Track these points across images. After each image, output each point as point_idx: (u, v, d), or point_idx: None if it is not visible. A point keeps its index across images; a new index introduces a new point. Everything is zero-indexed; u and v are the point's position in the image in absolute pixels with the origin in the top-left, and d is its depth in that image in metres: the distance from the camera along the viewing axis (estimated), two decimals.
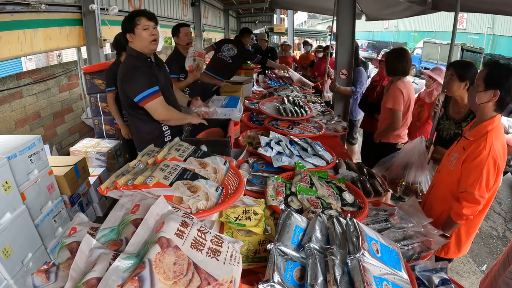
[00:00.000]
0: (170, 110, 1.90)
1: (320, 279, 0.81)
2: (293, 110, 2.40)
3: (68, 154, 3.05)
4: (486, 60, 1.50)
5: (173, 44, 7.45)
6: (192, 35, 3.09)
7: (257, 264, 1.05)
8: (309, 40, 7.65)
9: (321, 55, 5.44)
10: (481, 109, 1.48)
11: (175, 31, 2.90)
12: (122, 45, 2.66)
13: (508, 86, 1.38)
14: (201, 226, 0.83)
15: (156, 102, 1.80)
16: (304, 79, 4.51)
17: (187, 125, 2.00)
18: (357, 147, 4.08)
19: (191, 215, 0.87)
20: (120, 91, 1.88)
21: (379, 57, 3.29)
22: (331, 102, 4.17)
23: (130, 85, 1.77)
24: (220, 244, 0.82)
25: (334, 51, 3.81)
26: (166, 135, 2.05)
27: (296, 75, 4.48)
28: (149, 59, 1.89)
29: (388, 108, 2.45)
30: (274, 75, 4.73)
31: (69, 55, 10.20)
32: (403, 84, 2.43)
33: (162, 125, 2.01)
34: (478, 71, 1.54)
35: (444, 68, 2.92)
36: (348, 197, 1.38)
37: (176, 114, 1.94)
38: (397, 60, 2.49)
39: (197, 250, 0.76)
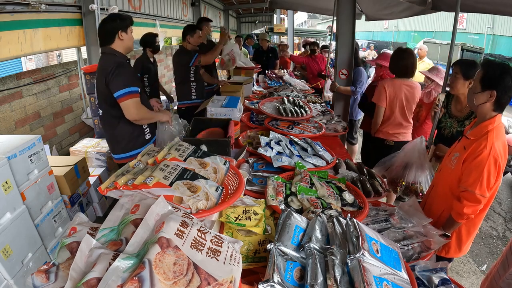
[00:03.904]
0: (142, 110, 1.92)
1: (320, 279, 0.81)
2: (293, 110, 2.40)
3: (68, 154, 3.05)
4: (482, 61, 1.50)
5: (173, 44, 7.40)
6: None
7: (257, 264, 1.05)
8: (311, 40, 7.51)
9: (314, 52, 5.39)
10: (480, 110, 1.48)
11: (191, 31, 3.08)
12: (147, 43, 3.26)
13: (504, 86, 1.38)
14: (201, 226, 0.83)
15: (132, 102, 1.85)
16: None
17: (187, 124, 2.02)
18: (357, 147, 4.08)
19: (191, 215, 0.87)
20: (102, 87, 1.87)
21: (372, 57, 3.31)
22: (331, 102, 4.17)
23: (116, 80, 1.81)
24: (220, 244, 0.82)
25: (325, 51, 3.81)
26: (146, 132, 2.09)
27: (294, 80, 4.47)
28: (127, 60, 1.97)
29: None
30: (274, 75, 4.73)
31: (69, 55, 10.20)
32: (389, 83, 2.53)
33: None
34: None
35: (442, 68, 2.93)
36: (348, 197, 1.38)
37: (147, 114, 1.96)
38: (397, 61, 2.52)
39: (197, 250, 0.76)
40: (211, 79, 3.66)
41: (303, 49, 7.03)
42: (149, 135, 2.10)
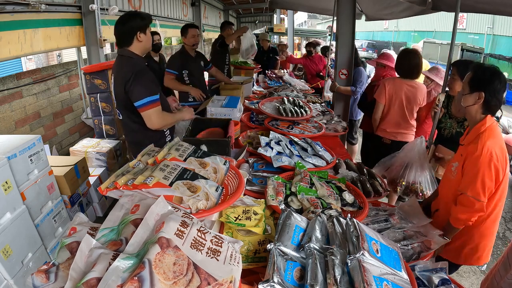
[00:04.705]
0: (164, 118, 1.85)
1: (320, 279, 0.81)
2: (293, 110, 2.40)
3: (68, 154, 3.05)
4: (473, 64, 1.49)
5: (173, 44, 7.40)
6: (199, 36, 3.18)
7: (257, 264, 1.05)
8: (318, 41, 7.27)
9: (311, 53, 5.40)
10: (469, 112, 1.47)
11: (183, 31, 3.03)
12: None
13: (492, 89, 1.37)
14: (201, 226, 0.83)
15: (154, 111, 1.78)
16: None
17: (185, 124, 2.01)
18: (357, 147, 4.08)
19: (191, 215, 0.87)
20: (121, 94, 1.79)
21: (376, 57, 3.36)
22: (331, 102, 4.17)
23: (136, 89, 1.74)
24: (220, 244, 0.82)
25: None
26: (166, 135, 2.06)
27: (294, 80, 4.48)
28: (146, 63, 1.90)
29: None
30: (274, 75, 4.73)
31: (69, 55, 10.20)
32: (390, 81, 2.60)
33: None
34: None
35: (441, 68, 2.94)
36: (348, 197, 1.38)
37: (168, 119, 1.89)
38: (402, 61, 2.58)
39: (197, 250, 0.76)
40: (224, 77, 3.59)
41: (304, 49, 7.00)
42: (169, 137, 2.07)
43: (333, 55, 4.25)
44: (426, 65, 4.78)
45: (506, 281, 1.24)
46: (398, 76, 2.63)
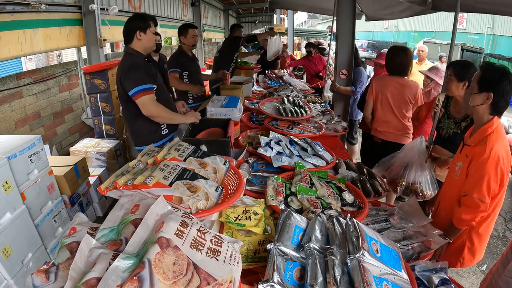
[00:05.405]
0: (159, 107, 1.96)
1: (320, 279, 0.81)
2: (293, 110, 2.40)
3: (68, 154, 3.05)
4: (482, 62, 1.48)
5: (173, 44, 7.38)
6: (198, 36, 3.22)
7: (257, 264, 1.05)
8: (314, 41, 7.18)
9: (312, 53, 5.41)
10: (476, 112, 1.46)
11: (182, 31, 3.03)
12: None
13: (502, 89, 1.36)
14: (200, 226, 0.83)
15: (147, 98, 1.90)
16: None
17: (187, 124, 2.03)
18: (357, 147, 4.08)
19: (190, 215, 0.87)
20: (119, 86, 1.95)
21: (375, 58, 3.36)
22: (331, 102, 4.17)
23: (129, 79, 1.87)
24: (219, 244, 0.82)
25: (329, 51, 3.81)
26: (162, 128, 2.13)
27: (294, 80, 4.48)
28: (146, 59, 2.03)
29: None
30: (274, 75, 4.73)
31: (69, 55, 10.20)
32: (377, 78, 2.64)
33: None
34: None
35: (441, 67, 2.93)
36: (348, 197, 1.38)
37: (165, 112, 2.00)
38: (390, 58, 2.56)
39: (196, 250, 0.76)
40: (210, 76, 3.64)
41: (304, 50, 6.99)
42: (165, 131, 2.15)
43: (331, 57, 4.26)
44: (430, 65, 4.78)
45: (504, 279, 1.24)
46: (393, 75, 2.61)
